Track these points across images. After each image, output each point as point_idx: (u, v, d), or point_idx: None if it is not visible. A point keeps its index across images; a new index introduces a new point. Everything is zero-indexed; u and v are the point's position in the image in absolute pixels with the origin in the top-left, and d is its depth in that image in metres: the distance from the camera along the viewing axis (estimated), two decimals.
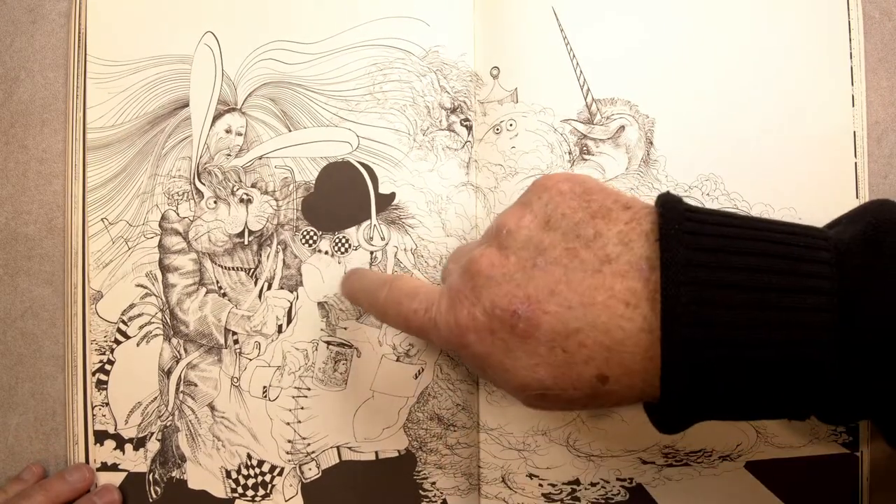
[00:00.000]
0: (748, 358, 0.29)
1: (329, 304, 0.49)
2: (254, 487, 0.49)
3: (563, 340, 0.31)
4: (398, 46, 0.49)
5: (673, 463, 0.48)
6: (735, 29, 0.48)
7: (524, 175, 0.48)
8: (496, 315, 0.32)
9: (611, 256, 0.31)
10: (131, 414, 0.49)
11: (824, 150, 0.48)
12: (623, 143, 0.48)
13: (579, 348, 0.30)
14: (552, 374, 0.31)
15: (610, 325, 0.30)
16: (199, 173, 0.49)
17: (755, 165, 0.48)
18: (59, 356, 0.49)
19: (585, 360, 0.30)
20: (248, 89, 0.49)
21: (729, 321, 0.28)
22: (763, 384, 0.29)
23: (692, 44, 0.48)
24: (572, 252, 0.31)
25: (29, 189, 0.50)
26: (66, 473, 0.47)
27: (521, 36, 0.48)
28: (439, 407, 0.48)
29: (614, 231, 0.31)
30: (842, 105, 0.49)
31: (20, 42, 0.50)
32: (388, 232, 0.48)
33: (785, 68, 0.48)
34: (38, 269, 0.50)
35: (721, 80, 0.48)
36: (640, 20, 0.48)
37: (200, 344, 0.49)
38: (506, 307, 0.31)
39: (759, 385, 0.29)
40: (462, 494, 0.48)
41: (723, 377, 0.29)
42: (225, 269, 0.49)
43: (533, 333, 0.31)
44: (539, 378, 0.31)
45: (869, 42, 0.49)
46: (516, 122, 0.48)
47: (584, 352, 0.30)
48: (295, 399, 0.49)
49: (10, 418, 0.50)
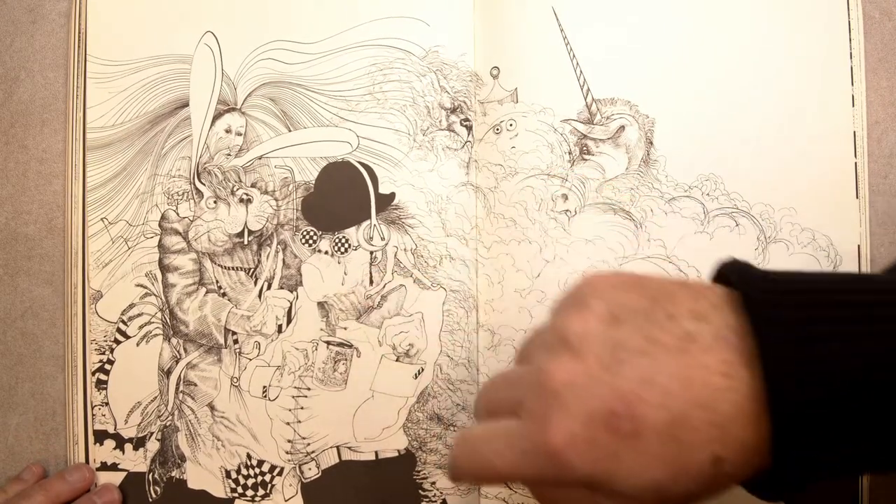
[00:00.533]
0: (857, 403, 0.28)
1: (329, 304, 0.49)
2: (253, 487, 0.49)
3: (674, 429, 0.29)
4: (398, 46, 0.49)
5: None
6: (735, 29, 0.48)
7: (524, 175, 0.48)
8: (594, 421, 0.29)
9: (692, 334, 0.29)
10: (131, 414, 0.49)
11: (824, 150, 0.48)
12: (623, 143, 0.48)
13: (692, 433, 0.29)
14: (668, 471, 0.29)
15: (715, 401, 0.28)
16: (198, 173, 0.49)
17: (755, 165, 0.48)
18: (59, 356, 0.49)
19: (699, 444, 0.29)
20: (248, 89, 0.49)
21: (832, 370, 0.28)
22: (874, 424, 0.29)
23: (692, 44, 0.48)
24: (651, 339, 0.30)
25: (29, 189, 0.50)
26: (66, 473, 0.47)
27: (521, 36, 0.48)
28: (439, 407, 0.48)
29: (684, 309, 0.30)
30: (842, 105, 0.49)
31: (20, 42, 0.50)
32: (388, 232, 0.48)
33: (785, 68, 0.48)
34: (38, 269, 0.50)
35: (721, 80, 0.48)
36: (640, 20, 0.48)
37: (200, 344, 0.49)
38: (602, 410, 0.29)
39: (871, 429, 0.29)
40: (462, 494, 0.48)
41: (836, 429, 0.28)
42: (225, 268, 0.49)
43: (640, 430, 0.29)
44: (655, 478, 0.29)
45: (869, 42, 0.49)
46: (516, 122, 0.48)
47: (696, 436, 0.29)
48: (295, 399, 0.49)
49: (10, 418, 0.50)
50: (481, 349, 0.48)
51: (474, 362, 0.48)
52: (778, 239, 0.48)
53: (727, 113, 0.48)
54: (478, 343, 0.48)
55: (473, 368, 0.48)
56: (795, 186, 0.48)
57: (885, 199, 0.49)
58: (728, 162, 0.48)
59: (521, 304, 0.48)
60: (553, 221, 0.48)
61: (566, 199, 0.48)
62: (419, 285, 0.48)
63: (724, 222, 0.48)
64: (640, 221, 0.48)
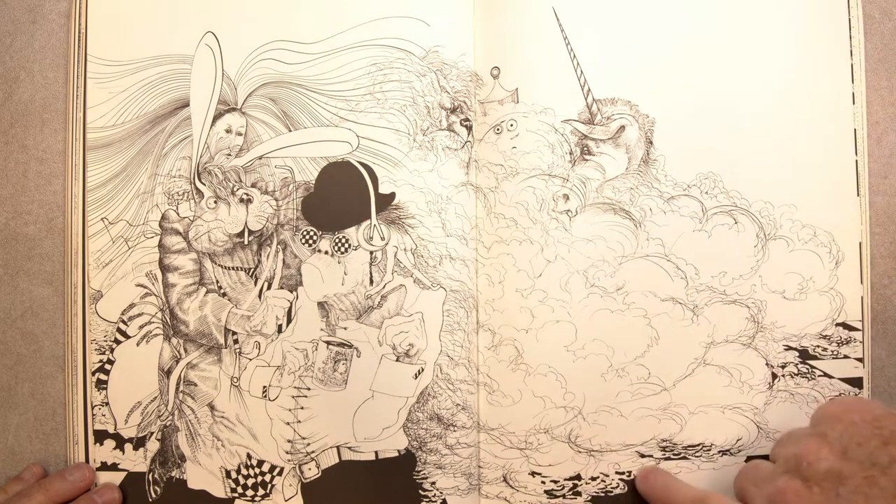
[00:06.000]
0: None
1: (329, 304, 0.49)
2: (253, 487, 0.49)
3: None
4: (398, 46, 0.49)
5: (671, 456, 0.48)
6: (735, 29, 0.48)
7: (525, 175, 0.48)
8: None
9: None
10: (131, 414, 0.49)
11: (824, 149, 0.48)
12: (623, 143, 0.48)
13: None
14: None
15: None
16: (199, 173, 0.49)
17: (754, 163, 0.48)
18: (59, 356, 0.49)
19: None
20: (249, 89, 0.49)
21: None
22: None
23: (692, 44, 0.48)
24: (871, 480, 0.34)
25: (29, 189, 0.50)
26: (67, 473, 0.47)
27: (522, 36, 0.48)
28: (439, 407, 0.48)
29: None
30: (842, 104, 0.49)
31: (20, 42, 0.50)
32: (388, 232, 0.48)
33: (785, 67, 0.48)
34: (38, 269, 0.50)
35: (721, 79, 0.48)
36: (640, 20, 0.48)
37: (200, 344, 0.49)
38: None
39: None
40: (462, 494, 0.48)
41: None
42: (225, 268, 0.49)
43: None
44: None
45: (869, 42, 0.49)
46: (517, 123, 0.48)
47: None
48: (295, 399, 0.49)
49: (10, 418, 0.49)
50: (481, 349, 0.48)
51: (474, 362, 0.48)
52: (778, 236, 0.48)
53: (727, 111, 0.48)
54: (478, 343, 0.48)
55: (473, 368, 0.48)
56: (795, 183, 0.48)
57: (885, 198, 0.49)
58: (727, 160, 0.48)
59: (522, 304, 0.48)
60: (554, 221, 0.48)
61: (567, 199, 0.48)
62: (419, 285, 0.48)
63: (723, 220, 0.48)
64: (640, 221, 0.48)
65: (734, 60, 0.48)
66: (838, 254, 0.48)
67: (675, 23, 0.48)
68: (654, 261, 0.48)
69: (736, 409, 0.48)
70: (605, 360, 0.48)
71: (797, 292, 0.48)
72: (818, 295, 0.48)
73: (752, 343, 0.48)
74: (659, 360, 0.48)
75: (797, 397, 0.48)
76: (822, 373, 0.48)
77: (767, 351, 0.48)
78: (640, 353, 0.48)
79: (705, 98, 0.48)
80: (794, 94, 0.48)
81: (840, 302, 0.48)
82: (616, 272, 0.48)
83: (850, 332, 0.48)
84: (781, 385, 0.48)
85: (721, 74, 0.48)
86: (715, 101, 0.48)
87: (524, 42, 0.48)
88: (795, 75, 0.48)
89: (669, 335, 0.48)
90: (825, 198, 0.48)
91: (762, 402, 0.48)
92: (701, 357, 0.48)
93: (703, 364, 0.48)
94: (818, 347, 0.48)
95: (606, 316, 0.48)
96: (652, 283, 0.48)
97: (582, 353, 0.48)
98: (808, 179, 0.48)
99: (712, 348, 0.48)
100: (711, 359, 0.48)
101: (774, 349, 0.48)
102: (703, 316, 0.48)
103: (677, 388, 0.48)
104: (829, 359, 0.48)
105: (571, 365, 0.48)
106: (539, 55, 0.48)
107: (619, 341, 0.48)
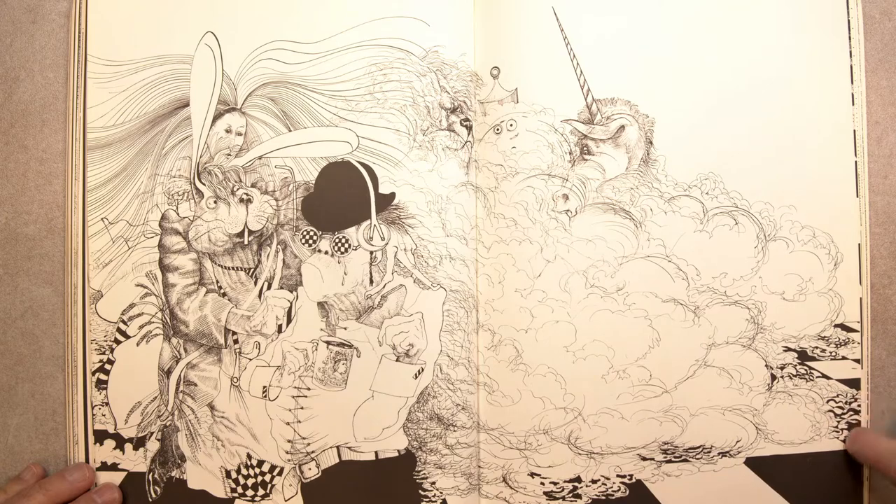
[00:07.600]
0: None
1: (329, 304, 0.49)
2: (253, 487, 0.49)
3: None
4: (398, 46, 0.49)
5: (672, 459, 0.48)
6: (735, 29, 0.48)
7: (525, 175, 0.48)
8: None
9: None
10: (131, 414, 0.49)
11: (824, 149, 0.48)
12: (623, 143, 0.48)
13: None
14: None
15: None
16: (199, 173, 0.49)
17: (755, 164, 0.48)
18: (59, 356, 0.49)
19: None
20: (248, 89, 0.49)
21: None
22: None
23: (692, 44, 0.48)
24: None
25: (29, 189, 0.50)
26: (67, 472, 0.47)
27: (521, 36, 0.48)
28: (439, 407, 0.48)
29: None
30: (842, 104, 0.49)
31: (20, 42, 0.50)
32: (388, 232, 0.48)
33: (785, 67, 0.48)
34: (38, 269, 0.50)
35: (721, 79, 0.48)
36: (640, 20, 0.48)
37: (200, 344, 0.49)
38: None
39: None
40: (462, 494, 0.48)
41: None
42: (225, 268, 0.49)
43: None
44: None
45: (869, 42, 0.49)
46: (517, 122, 0.48)
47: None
48: (295, 399, 0.49)
49: (10, 418, 0.49)
50: (481, 349, 0.48)
51: (474, 362, 0.48)
52: (778, 237, 0.48)
53: (727, 112, 0.48)
54: (478, 343, 0.48)
55: (473, 368, 0.48)
56: (795, 184, 0.48)
57: (885, 198, 0.49)
58: (728, 161, 0.48)
59: (522, 303, 0.48)
60: (554, 221, 0.48)
61: (567, 199, 0.48)
62: (419, 285, 0.48)
63: (724, 221, 0.48)
64: (640, 221, 0.48)
65: (734, 61, 0.48)
66: (837, 255, 0.48)
67: (676, 23, 0.48)
68: (656, 261, 0.48)
69: (735, 411, 0.48)
70: (606, 361, 0.48)
71: (796, 293, 0.48)
72: (817, 296, 0.48)
73: (752, 344, 0.48)
74: (660, 362, 0.48)
75: (795, 399, 0.49)
76: (820, 374, 0.48)
77: (767, 352, 0.48)
78: (641, 354, 0.48)
79: (705, 98, 0.48)
80: (794, 94, 0.48)
81: (839, 303, 0.48)
82: (616, 272, 0.48)
83: (848, 334, 0.48)
84: (780, 386, 0.48)
85: (721, 75, 0.48)
86: (715, 101, 0.48)
87: (524, 42, 0.48)
88: (795, 76, 0.48)
89: (671, 336, 0.48)
90: (824, 198, 0.48)
91: (761, 404, 0.48)
92: (702, 359, 0.48)
93: (704, 366, 0.48)
94: (816, 349, 0.48)
95: (606, 317, 0.48)
96: (653, 283, 0.48)
97: (582, 354, 0.48)
98: (807, 181, 0.48)
99: (713, 350, 0.48)
100: (712, 360, 0.48)
101: (774, 350, 0.48)
102: (704, 317, 0.48)
103: (679, 389, 0.48)
104: (827, 360, 0.48)
105: (571, 366, 0.48)
106: (539, 55, 0.48)
107: (620, 342, 0.48)
